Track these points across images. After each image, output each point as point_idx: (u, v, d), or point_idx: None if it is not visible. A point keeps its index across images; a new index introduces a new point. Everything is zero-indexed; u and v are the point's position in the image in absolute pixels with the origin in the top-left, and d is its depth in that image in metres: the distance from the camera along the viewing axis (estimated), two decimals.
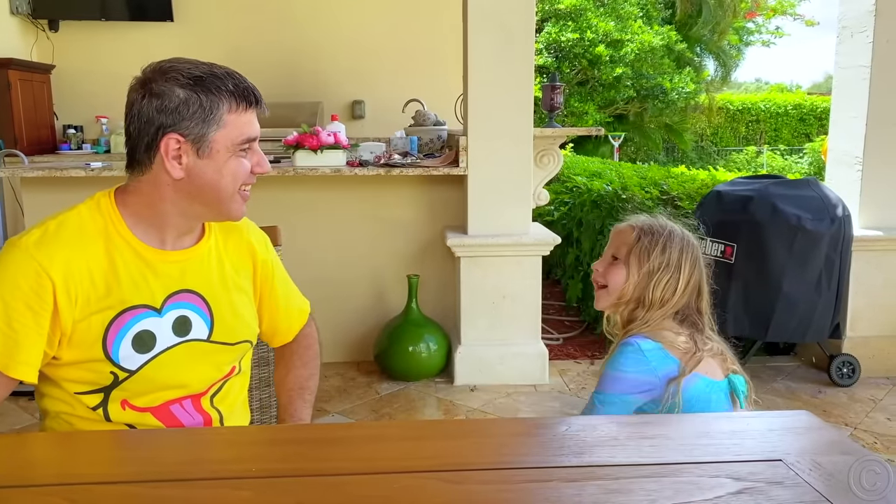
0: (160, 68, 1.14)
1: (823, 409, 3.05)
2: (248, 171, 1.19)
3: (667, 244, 1.45)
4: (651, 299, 1.43)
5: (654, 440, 1.00)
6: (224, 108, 1.13)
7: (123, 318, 1.15)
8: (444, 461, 0.92)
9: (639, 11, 10.33)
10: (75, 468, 0.94)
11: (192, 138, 1.12)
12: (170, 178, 1.14)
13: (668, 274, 1.43)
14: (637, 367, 1.41)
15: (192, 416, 1.24)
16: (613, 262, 1.49)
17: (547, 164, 3.55)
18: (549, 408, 3.05)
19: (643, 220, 1.50)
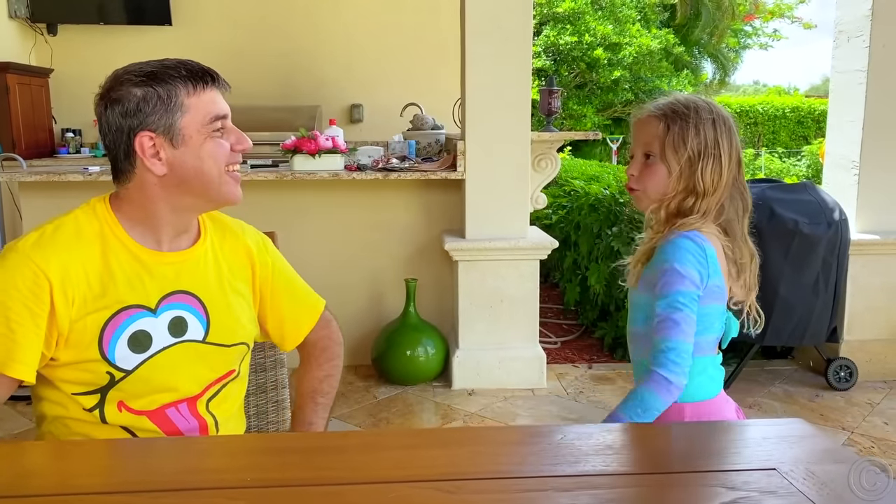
0: (114, 76, 1.17)
1: (821, 413, 3.05)
2: (227, 150, 1.19)
3: (698, 124, 1.30)
4: (702, 188, 1.30)
5: (649, 449, 1.00)
6: (182, 93, 1.15)
7: (119, 319, 1.16)
8: (439, 470, 0.92)
9: (637, 15, 10.35)
10: (72, 478, 0.94)
11: (161, 131, 1.14)
12: (155, 178, 1.17)
13: (710, 157, 1.30)
14: (698, 265, 1.27)
15: (188, 421, 1.24)
16: (647, 160, 1.34)
17: (545, 167, 3.56)
18: (546, 412, 3.05)
19: (665, 105, 1.34)
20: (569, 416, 3.01)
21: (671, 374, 1.23)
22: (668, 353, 1.24)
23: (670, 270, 1.27)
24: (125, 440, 1.16)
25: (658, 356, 1.24)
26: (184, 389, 1.24)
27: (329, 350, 1.46)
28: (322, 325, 1.47)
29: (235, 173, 1.23)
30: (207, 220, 1.31)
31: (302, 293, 1.44)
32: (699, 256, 1.28)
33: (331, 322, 1.49)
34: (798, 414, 3.04)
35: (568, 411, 3.06)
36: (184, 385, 1.24)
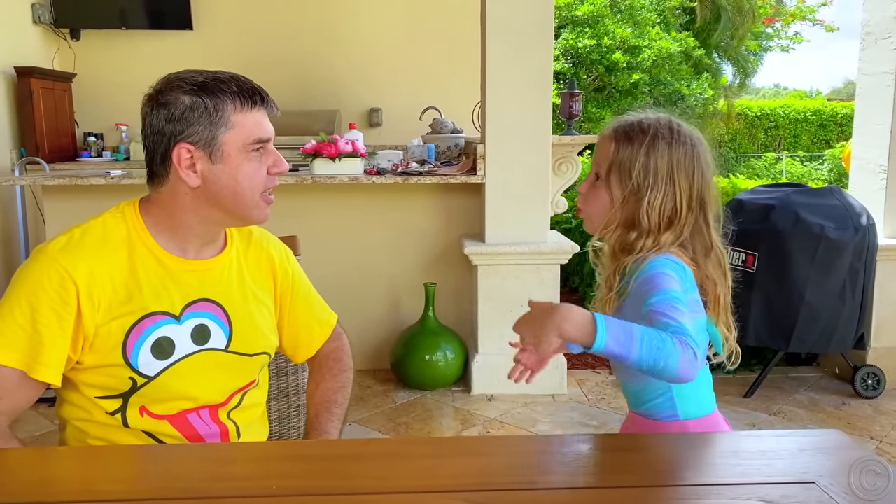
0: (166, 80, 1.17)
1: (848, 422, 2.99)
2: (264, 175, 1.19)
3: (650, 150, 1.15)
4: (647, 225, 1.15)
5: (682, 459, 0.98)
6: (229, 109, 1.14)
7: (143, 325, 1.16)
8: (467, 480, 0.90)
9: (656, 18, 10.28)
10: (97, 484, 0.93)
11: (202, 144, 1.14)
12: (187, 188, 1.16)
13: (660, 190, 1.14)
14: (679, 277, 1.14)
15: (209, 426, 1.24)
16: (595, 181, 1.22)
17: (565, 171, 3.53)
18: (567, 418, 3.02)
19: (622, 124, 1.20)
20: (590, 422, 2.98)
21: (699, 349, 1.04)
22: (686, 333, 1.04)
23: (657, 275, 1.13)
24: (149, 446, 1.15)
25: (677, 328, 1.04)
26: (205, 397, 1.24)
27: (341, 361, 1.46)
28: (334, 338, 1.48)
29: (270, 197, 1.22)
30: (234, 229, 1.31)
31: (317, 306, 1.45)
32: (679, 271, 1.15)
33: (342, 335, 1.50)
34: (825, 422, 2.98)
35: (589, 417, 3.02)
36: (205, 393, 1.23)
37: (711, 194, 1.19)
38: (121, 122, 4.97)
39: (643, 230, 1.16)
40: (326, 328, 1.46)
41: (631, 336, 1.01)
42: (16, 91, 4.50)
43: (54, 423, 2.77)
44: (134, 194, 1.25)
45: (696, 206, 1.18)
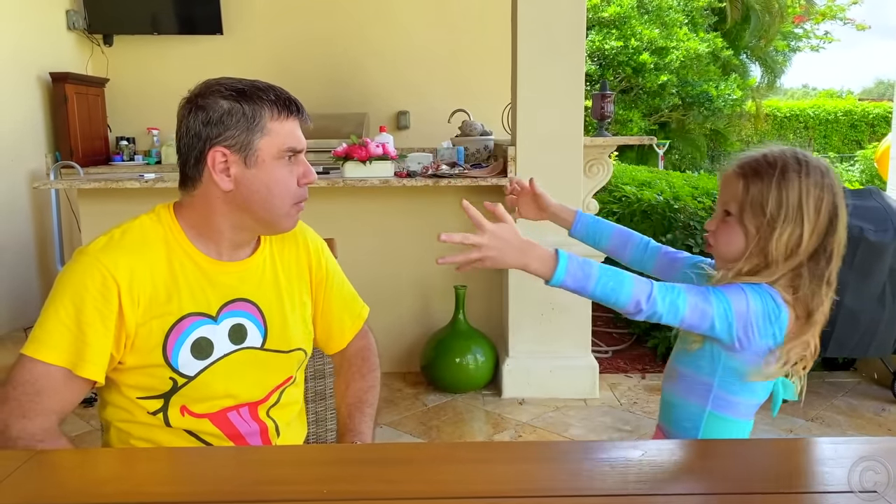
0: (205, 84, 1.19)
1: (888, 429, 2.93)
2: (295, 184, 1.21)
3: (780, 184, 1.16)
4: (774, 256, 1.17)
5: (738, 466, 0.95)
6: (267, 116, 1.16)
7: (182, 325, 1.17)
8: (517, 486, 0.88)
9: (684, 18, 10.18)
10: (142, 486, 0.93)
11: (237, 148, 1.15)
12: (220, 192, 1.18)
13: (790, 222, 1.16)
14: (765, 310, 1.16)
15: (249, 424, 1.25)
16: (725, 218, 1.23)
17: (596, 173, 3.49)
18: (600, 423, 2.98)
19: (748, 161, 1.22)
20: (623, 427, 2.94)
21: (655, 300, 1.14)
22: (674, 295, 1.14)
23: (740, 288, 1.17)
24: (195, 449, 1.15)
25: (667, 287, 1.16)
26: (245, 395, 1.24)
27: (369, 361, 1.47)
28: (362, 335, 1.49)
29: (301, 205, 1.25)
30: None
31: (350, 298, 1.46)
32: (771, 310, 1.17)
33: (369, 333, 1.51)
34: (864, 428, 2.92)
35: (623, 422, 2.99)
36: (245, 391, 1.24)
37: (841, 223, 1.20)
38: (152, 126, 5.03)
39: (770, 261, 1.19)
40: (358, 320, 1.47)
41: (588, 276, 1.15)
42: (51, 96, 4.58)
43: (90, 424, 2.80)
44: (167, 197, 1.26)
45: (822, 236, 1.19)
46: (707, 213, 3.60)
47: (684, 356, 1.29)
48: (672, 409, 1.31)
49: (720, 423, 1.25)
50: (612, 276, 1.14)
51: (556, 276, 1.14)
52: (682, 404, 1.28)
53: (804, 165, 1.18)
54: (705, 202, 3.68)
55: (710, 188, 4.02)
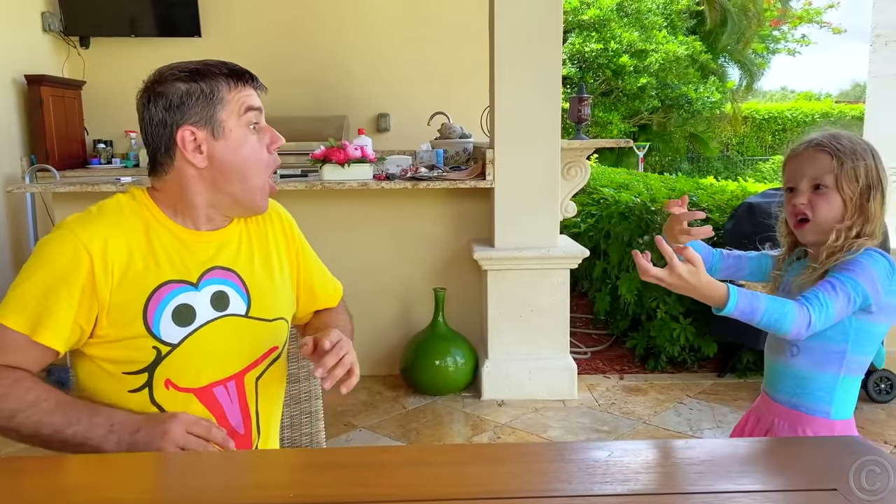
0: (159, 72, 1.22)
1: (861, 426, 2.97)
2: (265, 153, 1.24)
3: (866, 158, 1.38)
4: (872, 213, 1.37)
5: (701, 467, 0.97)
6: (224, 89, 1.20)
7: (162, 292, 1.18)
8: (486, 488, 0.89)
9: (663, 21, 10.27)
10: (110, 492, 0.93)
11: (203, 123, 1.19)
12: (195, 171, 1.21)
13: (877, 188, 1.37)
14: (885, 276, 1.33)
15: (233, 402, 1.25)
16: (818, 191, 1.39)
17: (574, 175, 3.52)
18: (578, 424, 3.00)
19: (830, 140, 1.40)
20: (601, 427, 2.97)
21: (816, 319, 1.26)
22: (823, 309, 1.27)
23: (863, 265, 1.31)
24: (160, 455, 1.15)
25: (814, 301, 1.28)
26: (231, 364, 1.25)
27: (345, 315, 1.52)
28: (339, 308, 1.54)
29: (273, 184, 1.28)
30: None
31: (326, 272, 1.51)
32: (888, 270, 1.33)
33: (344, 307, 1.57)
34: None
35: (600, 423, 3.01)
36: (229, 359, 1.25)
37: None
38: (130, 129, 4.99)
39: (868, 219, 1.36)
40: (338, 293, 1.52)
41: (755, 311, 1.26)
42: (26, 99, 4.53)
43: None
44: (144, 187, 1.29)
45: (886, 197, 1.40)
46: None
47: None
48: (802, 382, 1.39)
49: (850, 384, 1.38)
50: (776, 310, 1.26)
51: (727, 309, 1.26)
52: (813, 376, 1.38)
53: (868, 144, 1.41)
54: None
55: (687, 189, 4.06)
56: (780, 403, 1.42)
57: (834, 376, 1.36)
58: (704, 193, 3.91)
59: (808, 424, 1.37)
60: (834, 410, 1.36)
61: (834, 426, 1.36)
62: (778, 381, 1.44)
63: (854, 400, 1.40)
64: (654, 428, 2.94)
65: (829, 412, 1.36)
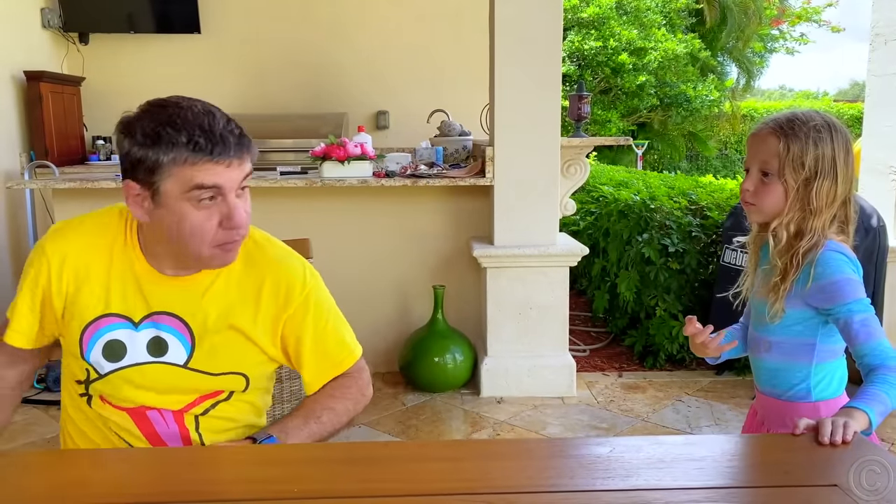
0: (136, 115, 1.13)
1: None
2: (214, 225, 1.12)
3: (817, 142, 1.29)
4: (815, 206, 1.30)
5: (702, 462, 0.97)
6: (172, 163, 1.08)
7: (100, 323, 1.21)
8: (487, 483, 0.90)
9: (662, 19, 10.27)
10: (114, 487, 0.93)
11: (144, 185, 1.11)
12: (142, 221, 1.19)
13: (826, 176, 1.29)
14: (856, 270, 1.30)
15: (169, 426, 1.22)
16: (764, 178, 1.33)
17: (574, 173, 3.52)
18: (577, 421, 3.01)
19: (784, 121, 1.33)
20: (600, 425, 2.97)
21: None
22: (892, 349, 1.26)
23: (846, 280, 1.28)
24: (158, 449, 1.15)
25: (886, 352, 1.25)
26: (160, 403, 1.23)
27: (350, 389, 1.33)
28: (350, 374, 1.35)
29: (228, 247, 1.16)
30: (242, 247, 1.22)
31: (333, 342, 1.32)
32: (856, 267, 1.31)
33: (358, 374, 1.36)
34: None
35: (599, 420, 3.02)
36: (159, 401, 1.22)
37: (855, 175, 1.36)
38: None
39: (812, 212, 1.30)
40: (337, 368, 1.33)
41: (887, 409, 1.22)
42: (25, 95, 4.52)
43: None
44: None
45: (848, 187, 1.33)
46: (683, 212, 3.65)
47: (773, 328, 1.38)
48: (778, 374, 1.41)
49: (825, 369, 1.37)
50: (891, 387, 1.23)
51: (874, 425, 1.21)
52: (787, 367, 1.39)
53: (832, 124, 1.32)
54: (681, 202, 3.73)
55: (686, 188, 4.06)
56: (767, 395, 1.44)
57: (806, 365, 1.36)
58: (704, 192, 3.92)
59: (793, 409, 1.35)
60: (815, 392, 1.36)
61: (818, 407, 1.35)
62: (760, 375, 1.46)
63: (838, 379, 1.39)
64: (652, 425, 2.95)
65: (810, 395, 1.37)
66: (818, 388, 1.37)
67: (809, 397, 1.37)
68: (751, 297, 1.48)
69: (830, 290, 1.28)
